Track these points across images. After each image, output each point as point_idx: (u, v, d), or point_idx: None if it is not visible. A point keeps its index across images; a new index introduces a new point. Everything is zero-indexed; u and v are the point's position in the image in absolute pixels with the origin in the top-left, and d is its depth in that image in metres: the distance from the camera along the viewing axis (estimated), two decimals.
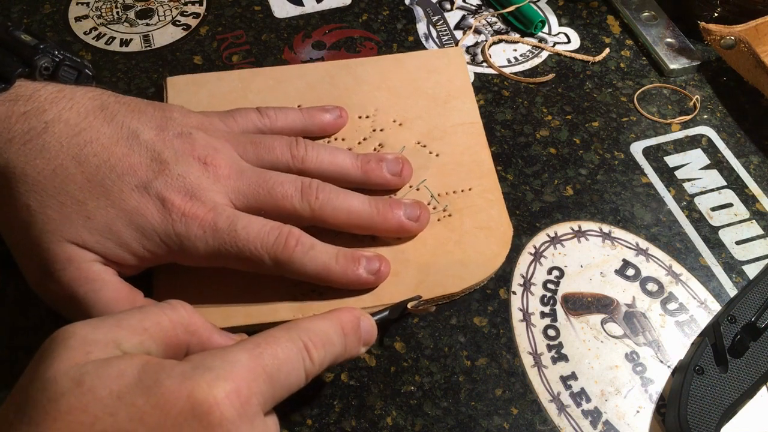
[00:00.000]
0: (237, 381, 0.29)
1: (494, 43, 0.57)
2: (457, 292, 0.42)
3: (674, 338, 0.42)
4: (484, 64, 0.55)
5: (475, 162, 0.47)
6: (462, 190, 0.46)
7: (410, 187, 0.46)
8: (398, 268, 0.43)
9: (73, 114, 0.39)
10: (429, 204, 0.45)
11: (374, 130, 0.49)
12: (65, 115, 0.39)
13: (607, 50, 0.56)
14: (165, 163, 0.39)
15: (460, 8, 0.60)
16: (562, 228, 0.46)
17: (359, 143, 0.48)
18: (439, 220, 0.45)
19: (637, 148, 0.50)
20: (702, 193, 0.48)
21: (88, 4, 0.58)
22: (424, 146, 0.48)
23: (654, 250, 0.45)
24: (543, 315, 0.42)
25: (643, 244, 0.45)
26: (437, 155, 0.48)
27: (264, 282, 0.41)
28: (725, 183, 0.49)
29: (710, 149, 0.50)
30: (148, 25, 0.56)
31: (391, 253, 0.43)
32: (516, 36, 0.58)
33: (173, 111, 0.42)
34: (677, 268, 0.45)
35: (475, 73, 0.55)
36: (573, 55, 0.56)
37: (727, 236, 0.46)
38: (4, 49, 0.41)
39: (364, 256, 0.42)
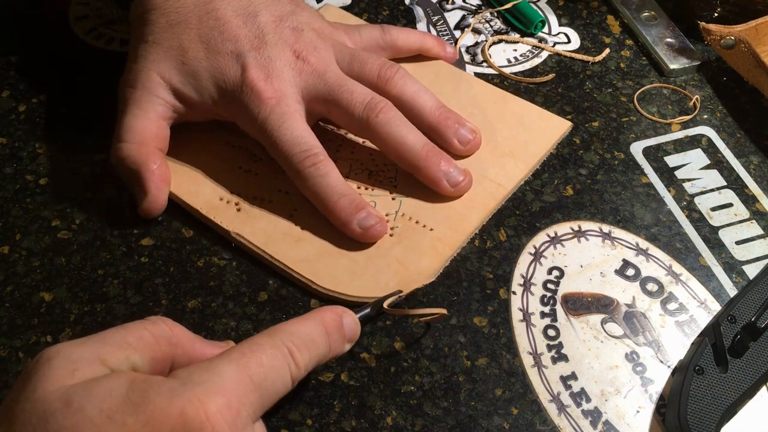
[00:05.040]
0: (227, 394, 0.29)
1: (494, 43, 0.57)
2: (322, 290, 0.42)
3: (674, 338, 0.42)
4: (484, 64, 0.55)
5: (461, 215, 0.45)
6: (423, 226, 0.45)
7: (390, 193, 0.46)
8: (301, 236, 0.44)
9: None
10: (388, 215, 0.45)
11: None
12: None
13: (607, 50, 0.56)
14: (263, 43, 0.45)
15: (460, 8, 0.60)
16: (562, 228, 0.46)
17: None
18: None
19: (637, 148, 0.50)
20: (702, 193, 0.48)
21: (88, 4, 0.58)
22: None
23: (654, 250, 0.45)
24: (543, 315, 0.42)
25: (643, 244, 0.45)
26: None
27: (212, 173, 0.47)
28: (725, 183, 0.49)
29: (710, 149, 0.50)
30: None
31: (314, 228, 0.45)
32: (516, 36, 0.58)
33: (304, 9, 0.48)
34: (677, 268, 0.45)
35: (476, 73, 0.55)
36: (573, 55, 0.56)
37: (727, 236, 0.46)
38: None
39: (366, 209, 0.43)
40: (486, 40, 0.57)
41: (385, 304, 0.40)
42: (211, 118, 0.47)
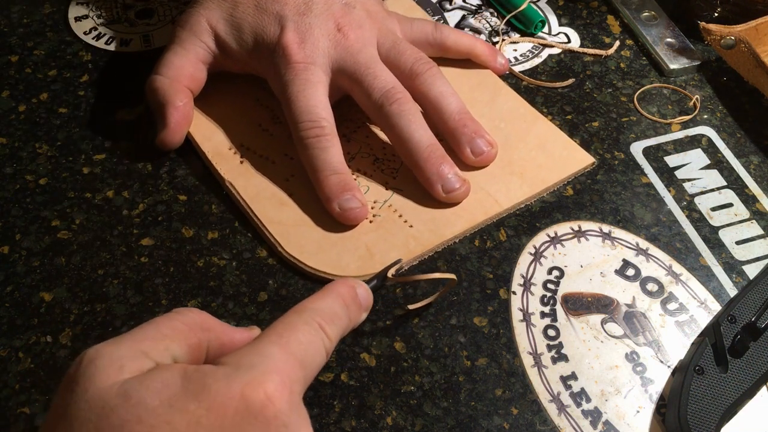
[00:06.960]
0: (280, 374, 0.29)
1: (502, 42, 0.57)
2: (284, 254, 0.44)
3: (674, 338, 0.42)
4: None
5: (446, 220, 0.45)
6: (405, 221, 0.45)
7: (386, 183, 0.47)
8: (287, 201, 0.46)
9: None
10: (375, 203, 0.46)
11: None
12: None
13: (618, 43, 0.56)
14: (309, 10, 0.47)
15: (460, 8, 0.60)
16: (562, 228, 0.46)
17: None
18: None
19: (637, 148, 0.50)
20: (702, 193, 0.48)
21: (88, 4, 0.58)
22: None
23: (654, 250, 0.45)
24: (543, 315, 0.42)
25: (643, 244, 0.45)
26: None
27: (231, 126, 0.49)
28: (725, 183, 0.49)
29: (710, 149, 0.50)
30: (148, 25, 0.56)
31: (301, 197, 0.46)
32: (516, 36, 0.57)
33: None
34: (677, 268, 0.45)
35: None
36: (585, 50, 0.56)
37: (727, 236, 0.46)
38: None
39: (352, 192, 0.44)
40: (487, 41, 0.57)
41: (390, 273, 0.40)
42: (246, 71, 0.50)
